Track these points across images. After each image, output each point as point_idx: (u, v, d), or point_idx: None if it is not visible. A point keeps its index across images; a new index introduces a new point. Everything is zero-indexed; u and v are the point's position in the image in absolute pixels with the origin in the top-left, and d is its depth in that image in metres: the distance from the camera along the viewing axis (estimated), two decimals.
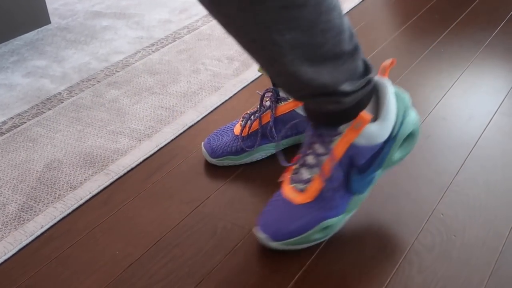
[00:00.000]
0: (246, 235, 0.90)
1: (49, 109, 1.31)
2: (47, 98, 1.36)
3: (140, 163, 1.10)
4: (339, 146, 0.77)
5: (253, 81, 1.36)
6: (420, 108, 1.19)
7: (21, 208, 0.99)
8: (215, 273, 0.83)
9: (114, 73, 1.45)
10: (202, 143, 1.09)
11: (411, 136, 0.86)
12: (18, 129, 1.24)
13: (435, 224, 0.89)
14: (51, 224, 0.95)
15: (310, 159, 0.78)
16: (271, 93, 1.05)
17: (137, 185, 1.04)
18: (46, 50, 1.61)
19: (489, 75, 1.30)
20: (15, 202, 1.01)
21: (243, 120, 1.06)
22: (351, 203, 0.81)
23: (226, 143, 1.05)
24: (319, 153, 0.77)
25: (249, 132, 1.05)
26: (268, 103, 1.05)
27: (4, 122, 1.27)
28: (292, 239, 0.81)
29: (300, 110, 1.05)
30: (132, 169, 1.08)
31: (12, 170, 1.10)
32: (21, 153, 1.15)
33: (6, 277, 0.85)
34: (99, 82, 1.41)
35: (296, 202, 0.80)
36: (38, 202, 1.00)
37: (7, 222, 0.96)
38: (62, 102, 1.33)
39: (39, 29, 1.76)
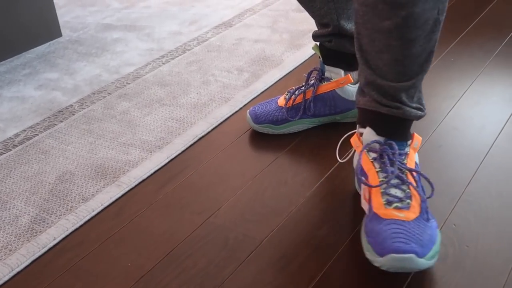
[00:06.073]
0: (257, 246, 0.90)
1: (61, 121, 1.32)
2: (59, 111, 1.37)
3: (152, 174, 1.10)
4: (409, 159, 0.89)
5: (262, 92, 1.37)
6: (431, 118, 1.19)
7: (34, 220, 1.00)
8: (227, 284, 0.83)
9: (125, 85, 1.46)
10: (248, 110, 1.21)
11: None
12: (31, 141, 1.25)
13: (447, 235, 0.88)
14: (63, 236, 0.96)
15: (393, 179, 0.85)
16: (316, 72, 1.16)
17: (148, 196, 1.04)
18: (57, 63, 1.63)
19: (499, 84, 1.29)
20: (27, 214, 1.01)
21: (287, 94, 1.17)
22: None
23: (270, 111, 1.16)
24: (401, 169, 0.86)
25: (293, 104, 1.16)
26: (312, 81, 1.15)
27: (17, 135, 1.28)
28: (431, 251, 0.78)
29: (340, 91, 1.14)
30: (144, 180, 1.09)
31: (24, 182, 1.11)
32: (33, 165, 1.16)
33: None
34: (110, 94, 1.42)
35: (411, 219, 0.80)
36: (51, 214, 1.01)
37: (20, 234, 0.97)
38: (74, 114, 1.34)
39: (51, 41, 1.78)
